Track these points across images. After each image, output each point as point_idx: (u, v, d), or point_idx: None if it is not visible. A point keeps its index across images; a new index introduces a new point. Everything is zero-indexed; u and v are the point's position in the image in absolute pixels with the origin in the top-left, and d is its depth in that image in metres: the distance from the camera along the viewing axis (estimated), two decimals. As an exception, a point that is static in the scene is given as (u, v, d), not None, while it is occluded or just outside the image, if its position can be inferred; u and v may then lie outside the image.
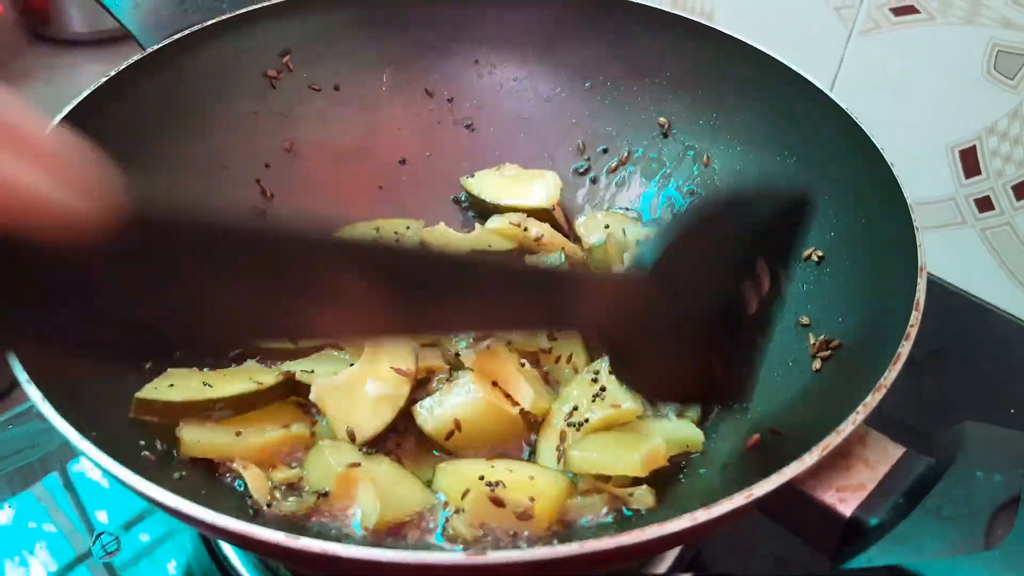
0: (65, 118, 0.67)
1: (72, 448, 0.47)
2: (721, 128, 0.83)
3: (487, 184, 0.87)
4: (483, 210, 0.88)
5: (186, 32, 0.77)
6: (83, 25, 1.45)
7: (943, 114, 0.94)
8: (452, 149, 0.92)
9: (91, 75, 1.41)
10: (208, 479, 0.60)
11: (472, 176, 0.89)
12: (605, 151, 0.90)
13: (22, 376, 0.49)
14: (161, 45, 0.75)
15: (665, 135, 0.87)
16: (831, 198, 0.71)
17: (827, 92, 0.74)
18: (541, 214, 0.85)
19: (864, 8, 0.95)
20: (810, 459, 0.47)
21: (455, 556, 0.43)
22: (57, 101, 1.34)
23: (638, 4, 0.87)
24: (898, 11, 0.93)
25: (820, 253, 0.70)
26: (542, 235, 0.82)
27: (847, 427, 0.48)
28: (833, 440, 0.48)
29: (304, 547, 0.42)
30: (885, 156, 0.66)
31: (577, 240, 0.86)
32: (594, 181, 0.90)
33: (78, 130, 0.66)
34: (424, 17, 0.89)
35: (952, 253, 0.98)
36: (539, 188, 0.86)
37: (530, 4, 0.89)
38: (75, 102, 0.68)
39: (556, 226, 0.85)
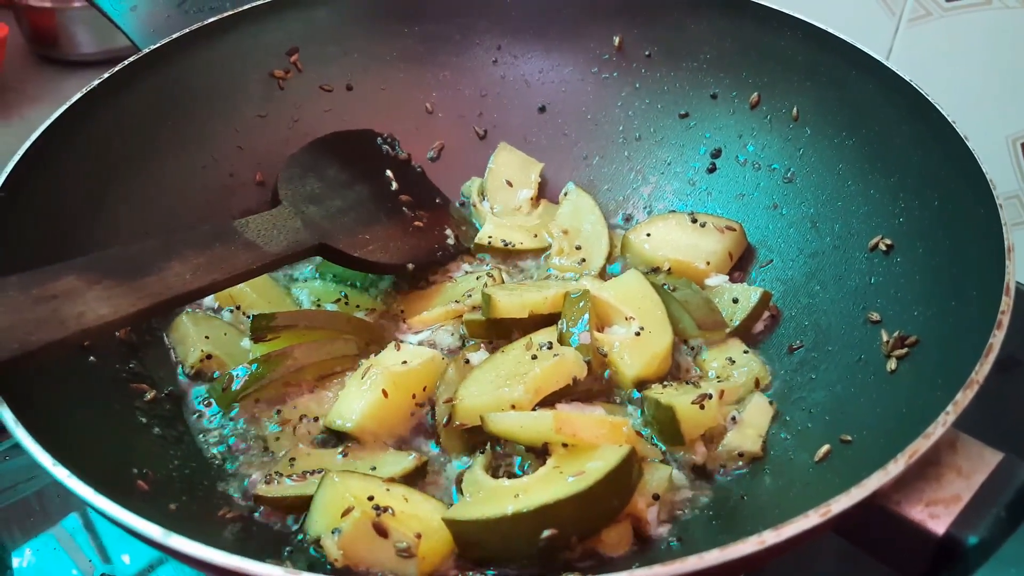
0: (55, 122, 0.64)
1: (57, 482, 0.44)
2: (769, 112, 0.78)
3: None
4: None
5: (185, 31, 0.74)
6: (90, 46, 1.45)
7: (1002, 105, 0.90)
8: (468, 148, 0.89)
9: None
10: (207, 511, 0.56)
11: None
12: (639, 138, 0.86)
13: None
14: (158, 45, 0.73)
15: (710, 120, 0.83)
16: (897, 180, 0.66)
17: (885, 63, 0.70)
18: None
19: None
20: (895, 468, 0.42)
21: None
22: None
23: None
24: None
25: (888, 242, 0.65)
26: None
27: (936, 429, 0.43)
28: (921, 445, 0.43)
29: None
30: (958, 129, 0.61)
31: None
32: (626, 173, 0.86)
33: (69, 135, 0.65)
34: (441, 6, 0.85)
35: (1017, 255, 0.93)
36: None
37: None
38: (66, 106, 0.66)
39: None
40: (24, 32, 1.43)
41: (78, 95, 0.67)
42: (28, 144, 0.63)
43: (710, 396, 0.61)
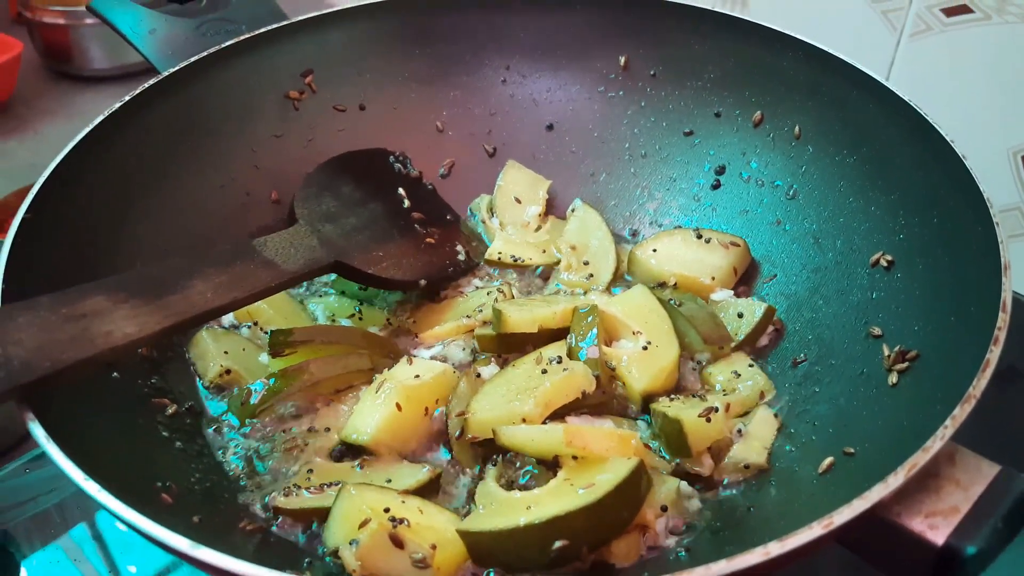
0: (78, 144, 0.66)
1: (86, 495, 0.46)
2: (772, 130, 0.80)
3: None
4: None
5: (203, 55, 0.76)
6: (103, 61, 1.47)
7: (1004, 118, 0.90)
8: (477, 166, 0.91)
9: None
10: (228, 524, 0.58)
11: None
12: (644, 155, 0.88)
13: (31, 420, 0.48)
14: (177, 68, 0.75)
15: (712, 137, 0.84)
16: (898, 198, 0.68)
17: (885, 83, 0.71)
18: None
19: (913, 10, 0.93)
20: (895, 481, 0.44)
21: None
22: (72, 134, 1.36)
23: (674, 3, 0.85)
24: (950, 11, 0.90)
25: (889, 258, 0.66)
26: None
27: (935, 443, 0.45)
28: (920, 459, 0.44)
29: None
30: (956, 148, 0.63)
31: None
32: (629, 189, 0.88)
33: (91, 157, 0.67)
34: (451, 29, 0.88)
35: (1018, 267, 0.94)
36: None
37: (560, 9, 0.88)
38: (88, 128, 0.68)
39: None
40: (38, 48, 1.46)
41: (100, 117, 0.69)
42: (52, 167, 0.65)
43: (716, 409, 0.62)
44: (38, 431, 0.48)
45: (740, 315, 0.72)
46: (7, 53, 1.34)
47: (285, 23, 0.81)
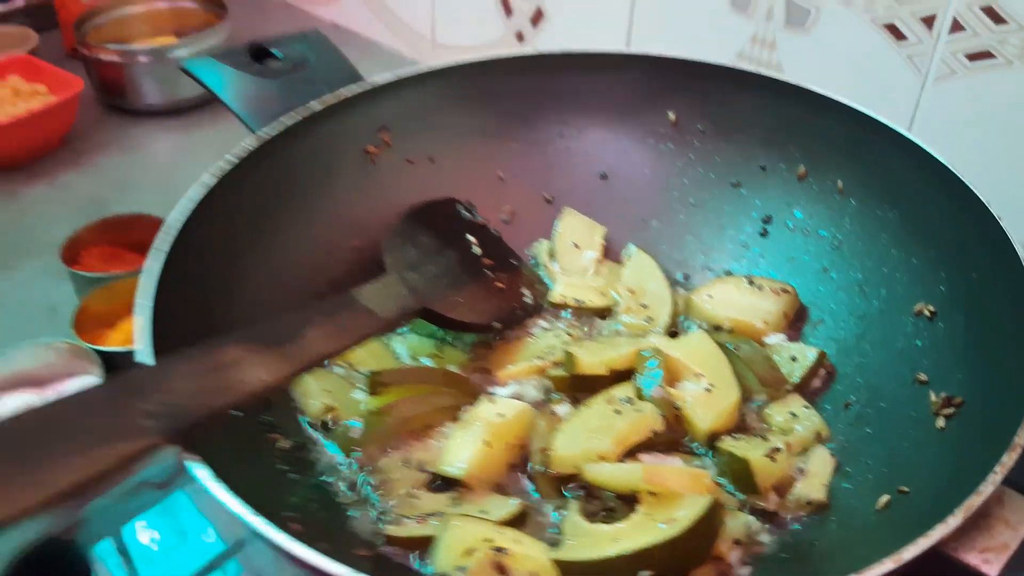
0: (195, 210, 0.73)
1: (247, 528, 0.52)
2: (815, 183, 0.87)
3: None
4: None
5: (293, 122, 0.83)
6: (156, 96, 1.54)
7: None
8: (536, 213, 0.98)
9: (164, 143, 1.50)
10: (345, 550, 0.64)
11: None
12: (694, 204, 0.95)
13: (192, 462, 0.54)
14: (274, 133, 0.81)
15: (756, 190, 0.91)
16: (936, 254, 0.75)
17: (919, 143, 0.78)
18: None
19: (938, 54, 0.99)
20: (954, 521, 0.51)
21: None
22: (132, 169, 1.42)
23: (717, 66, 0.92)
24: (973, 56, 0.96)
25: (931, 308, 0.73)
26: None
27: (987, 488, 0.52)
28: (975, 501, 0.51)
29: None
30: (992, 210, 0.70)
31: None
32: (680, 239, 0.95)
33: (201, 220, 0.74)
34: (513, 89, 0.95)
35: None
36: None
37: (613, 70, 0.95)
38: (197, 192, 0.74)
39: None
40: (93, 83, 1.53)
41: (208, 180, 0.75)
42: (174, 232, 0.71)
43: (779, 449, 0.69)
44: (202, 472, 0.54)
45: (793, 359, 0.79)
46: (69, 90, 1.40)
47: (367, 88, 0.88)
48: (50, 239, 1.22)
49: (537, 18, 1.41)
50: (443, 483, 0.72)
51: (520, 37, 1.45)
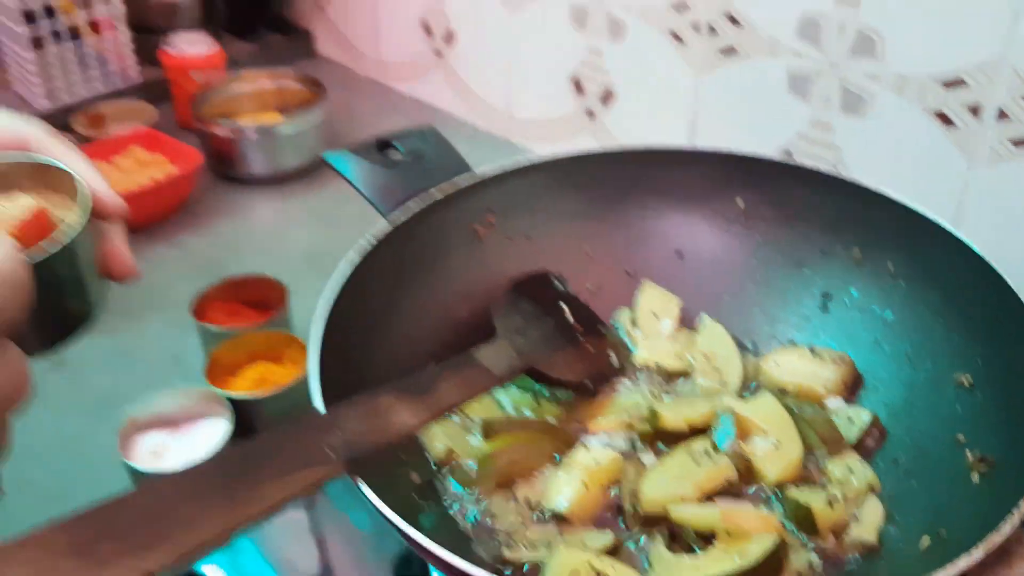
0: (345, 284, 0.88)
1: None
2: (869, 266, 1.01)
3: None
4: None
5: (418, 208, 1.00)
6: (261, 167, 1.72)
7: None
8: (619, 285, 1.13)
9: (268, 208, 1.68)
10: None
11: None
12: (760, 281, 1.09)
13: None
14: (401, 220, 0.98)
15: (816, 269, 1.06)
16: (974, 332, 0.88)
17: (960, 236, 0.91)
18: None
19: (985, 141, 1.11)
20: (977, 554, 0.64)
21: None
22: (241, 232, 1.60)
23: (782, 162, 1.07)
24: (1019, 143, 1.08)
25: (970, 379, 0.86)
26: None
27: (1007, 527, 0.65)
28: (996, 539, 0.64)
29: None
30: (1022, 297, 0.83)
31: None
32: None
33: (346, 292, 0.89)
34: (601, 177, 1.11)
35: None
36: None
37: (689, 163, 1.11)
38: (346, 267, 0.90)
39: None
40: (206, 154, 1.72)
41: (353, 258, 0.91)
42: (330, 302, 0.86)
43: (837, 498, 0.83)
44: (370, 493, 0.69)
45: (850, 420, 0.92)
46: (187, 161, 1.60)
47: (477, 179, 1.05)
48: (173, 295, 1.38)
49: (607, 98, 1.57)
50: (547, 517, 0.86)
51: (590, 114, 1.61)
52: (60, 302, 0.57)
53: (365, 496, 0.70)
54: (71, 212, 0.59)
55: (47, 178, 0.61)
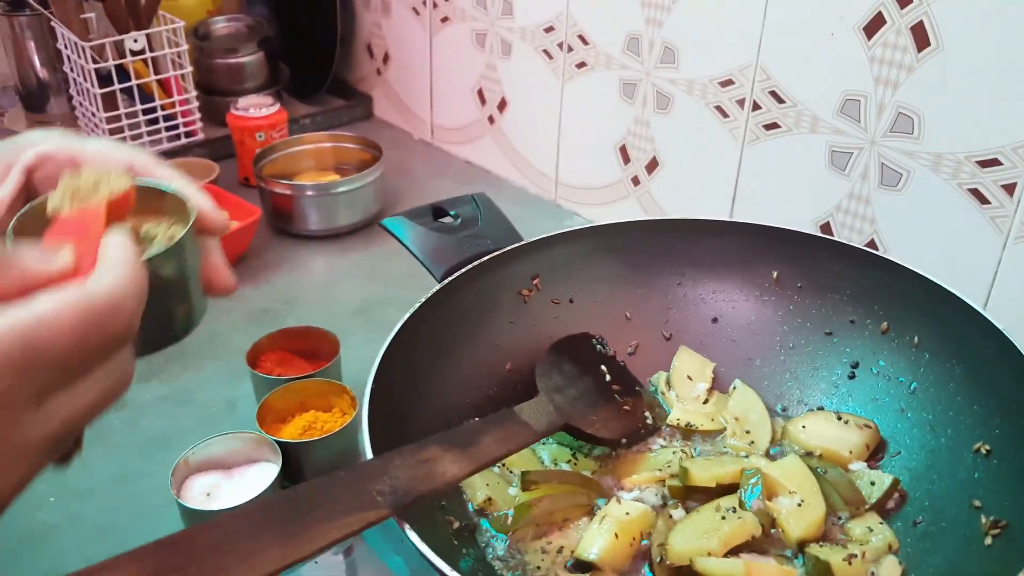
0: (391, 342, 0.97)
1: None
2: (896, 337, 1.08)
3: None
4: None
5: (468, 268, 1.09)
6: (317, 224, 1.82)
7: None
8: (656, 348, 1.20)
9: (323, 263, 1.78)
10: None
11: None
12: (792, 348, 1.16)
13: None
14: (452, 279, 1.07)
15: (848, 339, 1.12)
16: (995, 404, 0.94)
17: (984, 313, 0.98)
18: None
19: (1018, 218, 1.18)
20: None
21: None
22: (296, 285, 1.69)
23: (816, 236, 1.15)
24: None
25: (988, 447, 0.92)
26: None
27: (1013, 584, 0.71)
28: (1006, 595, 0.70)
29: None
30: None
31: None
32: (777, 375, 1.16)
33: (396, 348, 0.98)
34: (641, 245, 1.20)
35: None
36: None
37: (725, 234, 1.20)
38: (396, 328, 0.99)
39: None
40: (265, 210, 1.82)
41: (405, 317, 1.01)
42: (379, 358, 0.95)
43: (856, 556, 0.88)
44: (415, 536, 0.77)
45: (872, 483, 0.98)
46: (248, 216, 1.71)
47: (524, 243, 1.14)
48: (230, 344, 1.46)
49: (652, 166, 1.65)
50: (579, 566, 0.93)
51: (636, 181, 1.69)
52: (167, 304, 0.60)
53: (409, 540, 0.77)
54: (178, 227, 0.64)
55: (154, 202, 0.66)
